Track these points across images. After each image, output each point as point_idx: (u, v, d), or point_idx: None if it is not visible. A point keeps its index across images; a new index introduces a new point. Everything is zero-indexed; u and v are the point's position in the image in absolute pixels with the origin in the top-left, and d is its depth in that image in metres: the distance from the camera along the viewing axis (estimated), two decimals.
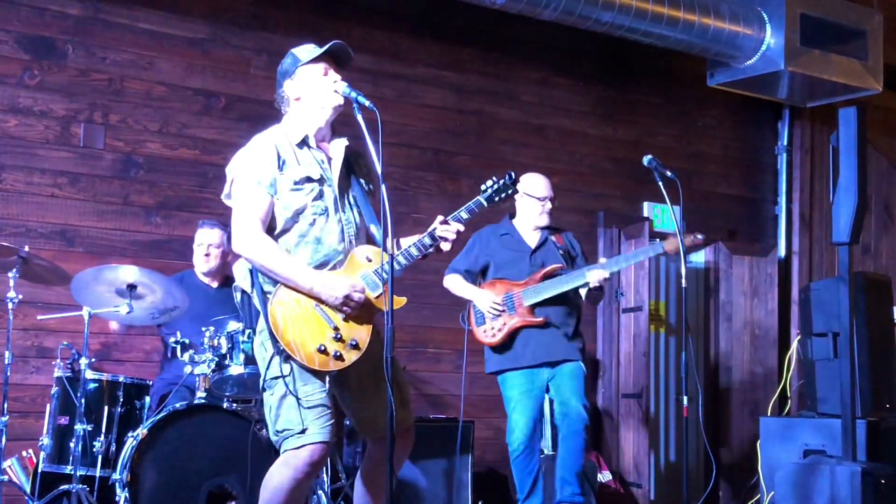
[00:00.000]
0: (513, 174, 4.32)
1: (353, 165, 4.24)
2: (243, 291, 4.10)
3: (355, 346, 4.00)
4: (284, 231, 4.05)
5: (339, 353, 3.97)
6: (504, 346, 5.95)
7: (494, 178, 4.29)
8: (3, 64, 6.01)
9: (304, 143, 4.12)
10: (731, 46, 7.51)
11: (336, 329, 3.98)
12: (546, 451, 6.60)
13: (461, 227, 4.17)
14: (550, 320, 5.92)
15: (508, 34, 7.54)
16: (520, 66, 7.69)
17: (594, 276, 5.83)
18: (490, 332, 5.95)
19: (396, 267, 4.05)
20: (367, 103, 3.95)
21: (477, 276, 6.15)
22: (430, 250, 4.15)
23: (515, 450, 5.85)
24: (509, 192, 4.30)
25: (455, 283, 6.12)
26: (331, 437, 4.00)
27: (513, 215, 6.20)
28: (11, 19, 6.03)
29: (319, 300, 3.99)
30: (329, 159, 4.16)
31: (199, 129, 6.50)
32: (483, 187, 4.29)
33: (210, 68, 6.57)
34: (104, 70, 6.25)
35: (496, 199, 4.28)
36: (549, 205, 6.09)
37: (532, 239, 6.11)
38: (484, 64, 7.53)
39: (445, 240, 4.14)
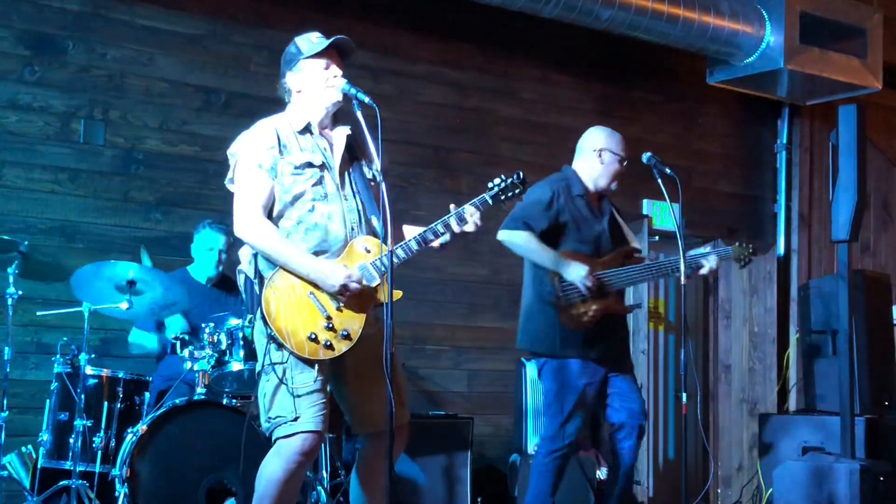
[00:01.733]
0: (521, 174, 4.19)
1: (357, 153, 4.25)
2: (246, 275, 4.11)
3: (346, 337, 4.00)
4: (283, 216, 4.06)
5: (329, 343, 3.97)
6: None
7: (503, 177, 4.18)
8: (3, 60, 6.01)
9: (306, 129, 4.14)
10: (730, 44, 7.52)
11: (328, 318, 3.99)
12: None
13: (479, 216, 4.11)
14: (630, 310, 5.40)
15: (509, 31, 7.54)
16: (520, 64, 7.69)
17: (714, 262, 5.29)
18: (584, 316, 5.24)
19: (396, 259, 4.06)
20: (366, 100, 3.96)
21: (545, 237, 5.32)
22: (431, 245, 4.14)
23: (566, 446, 5.27)
24: (517, 191, 4.18)
25: (529, 244, 5.27)
26: (323, 427, 4.00)
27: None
28: (12, 15, 6.03)
29: (316, 286, 4.00)
30: (331, 146, 4.18)
31: (200, 126, 6.50)
32: (490, 185, 4.19)
33: (210, 65, 6.57)
34: (104, 66, 6.25)
35: (503, 197, 4.19)
36: (622, 169, 5.46)
37: (599, 208, 5.49)
38: (484, 61, 7.53)
39: (462, 224, 4.08)
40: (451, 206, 4.16)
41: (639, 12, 7.03)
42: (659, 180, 5.28)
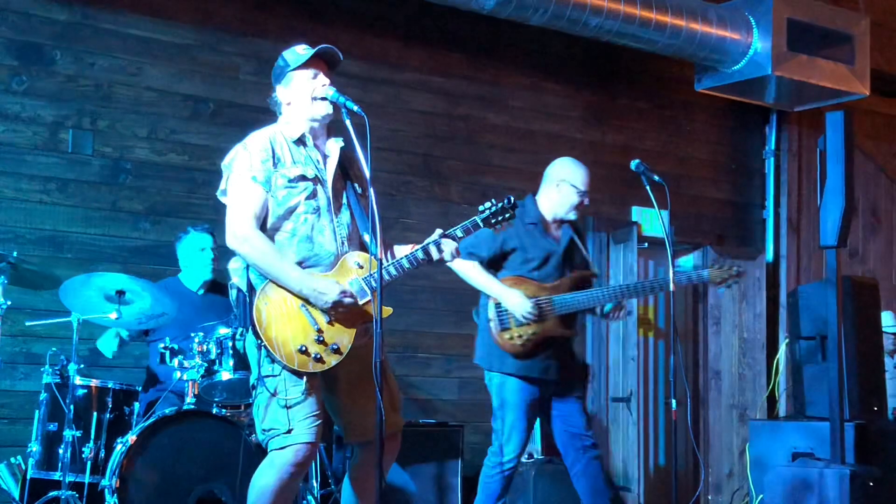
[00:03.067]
0: (512, 198, 4.25)
1: (348, 169, 4.26)
2: (239, 289, 4.10)
3: (336, 351, 4.02)
4: (276, 228, 4.07)
5: (319, 356, 3.98)
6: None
7: (493, 201, 4.24)
8: None
9: (300, 141, 4.14)
10: (718, 51, 7.53)
11: (319, 332, 3.99)
12: (535, 456, 6.61)
13: (455, 246, 4.17)
14: (574, 334, 5.50)
15: (497, 39, 7.55)
16: (508, 71, 7.70)
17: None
18: (517, 339, 5.36)
19: (387, 277, 4.07)
20: (355, 108, 3.98)
21: (492, 263, 5.46)
22: (422, 263, 4.16)
23: (508, 462, 5.39)
24: (507, 216, 4.25)
25: (474, 273, 5.42)
26: (316, 438, 4.02)
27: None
28: None
29: (307, 301, 4.00)
30: (324, 159, 4.18)
31: (188, 135, 6.50)
32: (481, 208, 4.25)
33: (199, 74, 6.56)
34: (92, 76, 6.25)
35: (493, 221, 4.25)
36: (585, 200, 5.56)
37: (556, 234, 5.58)
38: (473, 69, 7.54)
39: (441, 253, 4.15)
40: (437, 232, 4.18)
41: (627, 20, 7.04)
42: (647, 187, 5.29)
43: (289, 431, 3.96)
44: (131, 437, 5.03)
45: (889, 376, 6.97)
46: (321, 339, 3.99)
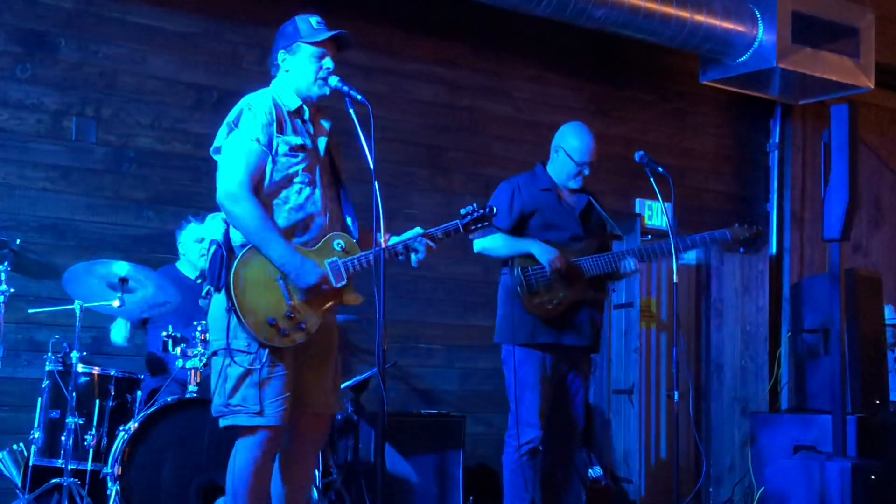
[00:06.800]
0: (494, 208, 4.26)
1: (334, 157, 4.26)
2: (218, 245, 4.05)
3: (303, 329, 4.01)
4: (270, 194, 4.05)
5: (286, 331, 3.99)
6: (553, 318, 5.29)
7: (475, 206, 4.25)
8: None
9: (298, 113, 4.14)
10: (723, 43, 7.52)
11: (292, 308, 3.99)
12: None
13: (433, 246, 4.17)
14: (605, 296, 5.43)
15: (501, 30, 7.54)
16: (512, 62, 7.69)
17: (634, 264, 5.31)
18: (548, 303, 5.26)
19: (364, 265, 4.07)
20: (359, 98, 3.98)
21: (515, 233, 5.39)
22: (402, 258, 4.17)
23: (527, 444, 5.26)
24: (485, 223, 4.26)
25: (499, 241, 5.32)
26: (284, 422, 4.01)
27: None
28: (3, 12, 6.01)
29: (286, 275, 3.99)
30: (316, 135, 4.19)
31: (192, 124, 6.49)
32: (463, 211, 4.25)
33: (203, 63, 6.56)
34: (96, 64, 6.24)
35: (472, 228, 4.26)
36: (586, 171, 5.44)
37: (571, 199, 5.52)
38: (477, 60, 7.53)
39: (416, 251, 4.15)
40: (416, 229, 4.19)
41: (631, 11, 7.03)
42: (651, 179, 5.29)
43: (259, 412, 3.95)
44: (133, 425, 5.05)
45: (891, 369, 6.98)
46: (291, 314, 3.99)
